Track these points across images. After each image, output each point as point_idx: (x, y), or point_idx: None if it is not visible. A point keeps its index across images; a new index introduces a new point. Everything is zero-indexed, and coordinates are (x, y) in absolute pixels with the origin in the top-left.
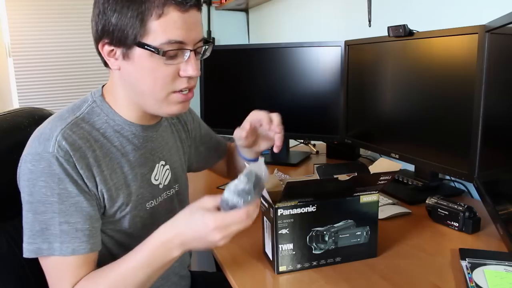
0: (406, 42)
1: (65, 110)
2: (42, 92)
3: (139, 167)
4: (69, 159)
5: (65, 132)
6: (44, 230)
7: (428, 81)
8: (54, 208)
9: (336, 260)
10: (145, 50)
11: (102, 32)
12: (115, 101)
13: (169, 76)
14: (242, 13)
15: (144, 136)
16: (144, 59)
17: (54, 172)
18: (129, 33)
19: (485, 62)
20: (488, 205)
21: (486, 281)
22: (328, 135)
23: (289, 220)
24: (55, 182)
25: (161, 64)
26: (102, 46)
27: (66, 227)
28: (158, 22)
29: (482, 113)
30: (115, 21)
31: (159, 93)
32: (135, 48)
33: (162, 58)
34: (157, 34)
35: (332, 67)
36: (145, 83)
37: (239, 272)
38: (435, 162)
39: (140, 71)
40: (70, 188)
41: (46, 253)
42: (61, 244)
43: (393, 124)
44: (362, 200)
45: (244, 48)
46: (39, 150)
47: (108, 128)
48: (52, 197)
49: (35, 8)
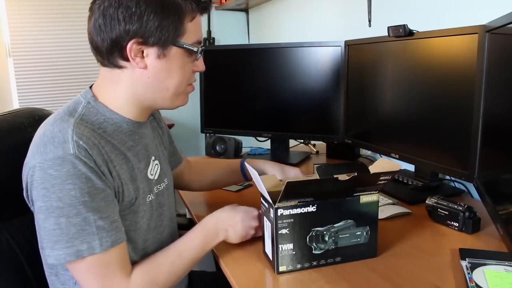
0: (406, 42)
1: (61, 113)
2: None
3: (138, 163)
4: (89, 157)
5: (77, 132)
6: (81, 231)
7: (428, 81)
8: (87, 208)
9: (336, 260)
10: (181, 49)
11: (135, 32)
12: (111, 100)
13: (190, 71)
14: (242, 13)
15: (139, 132)
16: (177, 57)
17: (80, 172)
18: (170, 34)
19: (485, 62)
20: (488, 205)
21: (486, 281)
22: (328, 135)
23: (289, 220)
24: (83, 182)
25: (188, 62)
26: (131, 46)
27: (102, 222)
28: (191, 24)
29: (482, 113)
30: (157, 22)
31: (181, 87)
32: (172, 47)
33: (191, 56)
34: (190, 34)
35: (332, 67)
36: (174, 79)
37: (239, 272)
38: (435, 162)
39: (171, 68)
40: (97, 184)
41: (86, 253)
42: (100, 240)
43: (393, 124)
44: (362, 200)
45: (244, 48)
46: (59, 154)
47: (107, 126)
48: (83, 197)
49: (35, 8)
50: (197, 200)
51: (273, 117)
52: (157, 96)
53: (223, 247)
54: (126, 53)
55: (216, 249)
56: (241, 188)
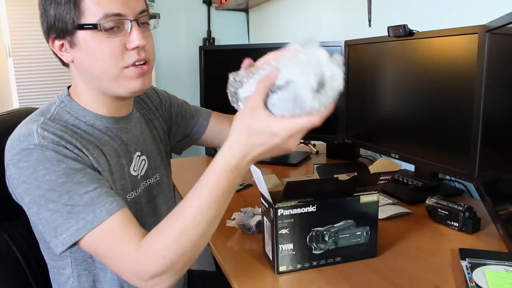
0: (406, 42)
1: (33, 114)
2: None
3: (117, 158)
4: (58, 144)
5: (42, 126)
6: (71, 210)
7: (428, 81)
8: (68, 187)
9: (336, 260)
10: (85, 30)
11: (48, 28)
12: (81, 97)
13: (116, 51)
14: (242, 13)
15: (117, 128)
16: (88, 41)
17: (50, 156)
18: (67, 19)
19: (485, 62)
20: (488, 205)
21: (486, 281)
22: (328, 135)
23: (289, 220)
24: (55, 165)
25: (105, 40)
26: (53, 43)
27: (88, 196)
28: (90, 0)
29: (482, 113)
30: (53, 12)
31: (112, 71)
32: (77, 32)
33: (104, 34)
34: (92, 11)
35: None
36: (96, 64)
37: (239, 272)
38: (435, 162)
39: (88, 54)
40: (72, 164)
41: (86, 229)
42: (94, 213)
43: (393, 124)
44: (362, 200)
45: (244, 48)
46: (25, 145)
47: (80, 124)
48: (60, 179)
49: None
50: None
51: None
52: (98, 85)
53: (223, 246)
54: (55, 51)
55: (216, 248)
56: (241, 188)
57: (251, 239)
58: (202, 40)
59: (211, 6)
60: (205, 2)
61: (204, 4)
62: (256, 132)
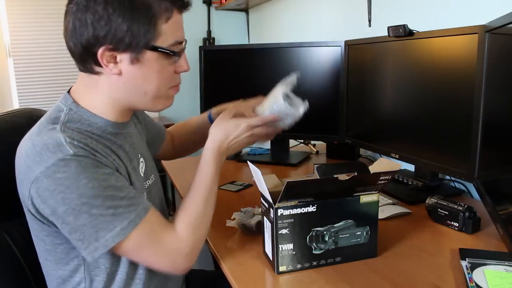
0: (406, 42)
1: (44, 123)
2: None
3: (129, 162)
4: (88, 152)
5: (67, 135)
6: (115, 213)
7: (428, 81)
8: (109, 191)
9: (336, 260)
10: (156, 52)
11: (105, 38)
12: (92, 103)
13: (171, 74)
14: (242, 13)
15: (125, 132)
16: (153, 61)
17: (87, 165)
18: (141, 38)
19: (485, 62)
20: (488, 205)
21: (486, 281)
22: (328, 135)
23: (289, 220)
24: (94, 172)
25: (167, 64)
26: (102, 52)
27: (127, 197)
28: (167, 25)
29: (482, 113)
30: (125, 27)
31: (161, 91)
32: (146, 51)
33: (171, 58)
34: (166, 36)
35: (332, 67)
36: (152, 84)
37: (239, 272)
38: (435, 162)
39: (148, 73)
40: (106, 170)
41: (130, 228)
42: (136, 211)
43: (393, 124)
44: (362, 200)
45: (244, 48)
46: (60, 157)
47: (93, 130)
48: (101, 185)
49: (35, 8)
50: None
51: None
52: (135, 100)
53: (223, 246)
54: (98, 60)
55: (216, 248)
56: (241, 188)
57: (251, 239)
58: (202, 40)
59: (211, 6)
60: (205, 2)
61: (204, 4)
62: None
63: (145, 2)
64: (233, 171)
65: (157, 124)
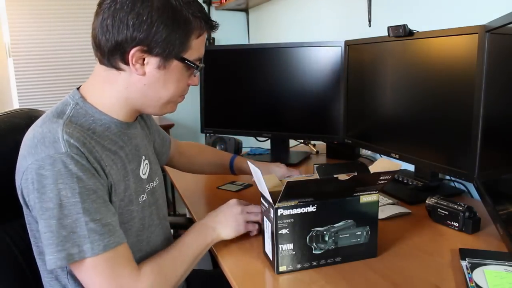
0: (406, 42)
1: (49, 115)
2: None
3: (129, 163)
4: (81, 155)
5: (67, 131)
6: (71, 234)
7: (428, 81)
8: (78, 209)
9: (336, 260)
10: (182, 63)
11: (142, 40)
12: (101, 100)
13: (185, 85)
14: (242, 13)
15: (128, 133)
16: (177, 71)
17: (71, 172)
18: (175, 47)
19: (485, 62)
20: (488, 205)
21: (486, 281)
22: (328, 135)
23: (289, 220)
24: (74, 182)
25: (186, 76)
26: (134, 52)
27: (93, 225)
28: (196, 41)
29: (482, 113)
30: (164, 34)
31: (174, 98)
32: (174, 60)
33: (189, 71)
34: (194, 51)
35: (332, 67)
36: (168, 91)
37: (239, 272)
38: (435, 162)
39: (169, 80)
40: (89, 185)
41: (77, 257)
42: (92, 244)
43: (393, 124)
44: (362, 200)
45: (244, 48)
46: (51, 153)
47: (96, 127)
48: (74, 198)
49: (35, 8)
50: (197, 200)
51: (273, 117)
52: (148, 102)
53: (223, 246)
54: (127, 58)
55: (216, 248)
56: (241, 188)
57: (251, 239)
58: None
59: (211, 6)
60: (205, 2)
61: (204, 4)
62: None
63: (186, 17)
64: None
65: (163, 135)
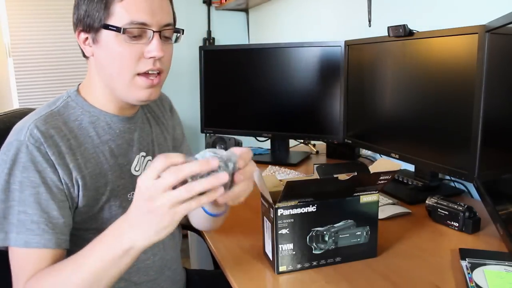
0: (406, 42)
1: (42, 107)
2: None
3: (117, 157)
4: (39, 147)
5: (37, 122)
6: (2, 218)
7: (428, 81)
8: (14, 196)
9: (336, 260)
10: (110, 31)
11: (77, 21)
12: (91, 93)
13: (133, 56)
14: (242, 13)
15: (120, 126)
16: (110, 41)
17: (19, 160)
18: (95, 17)
19: (485, 62)
20: (488, 205)
21: (486, 281)
22: (328, 135)
23: (289, 220)
24: (19, 170)
25: (125, 44)
26: (78, 35)
27: (23, 217)
28: (121, 4)
29: (482, 113)
30: (85, 8)
31: (125, 74)
32: (102, 31)
33: (126, 38)
34: (121, 15)
35: (332, 67)
36: (112, 64)
37: (239, 272)
38: (435, 162)
39: (107, 53)
40: (32, 177)
41: (1, 243)
42: (17, 234)
43: (393, 124)
44: (362, 200)
45: (244, 48)
46: (11, 140)
47: (83, 119)
48: (14, 185)
49: (35, 8)
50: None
51: (273, 117)
52: (110, 84)
53: (223, 246)
54: (79, 42)
55: (216, 248)
56: None
57: (251, 239)
58: (202, 40)
59: (211, 6)
60: (205, 2)
61: (204, 4)
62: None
63: None
64: None
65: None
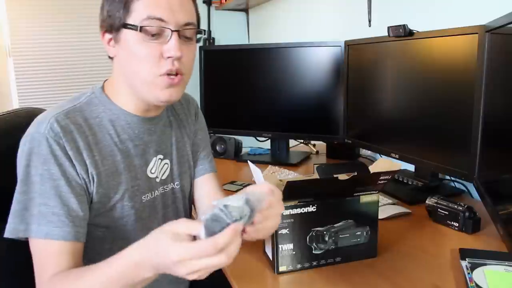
0: (406, 42)
1: (65, 101)
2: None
3: (134, 158)
4: (59, 141)
5: (59, 116)
6: (23, 210)
7: (428, 81)
8: (36, 188)
9: (336, 260)
10: (129, 30)
11: (102, 22)
12: (114, 91)
13: (152, 56)
14: (242, 13)
15: (140, 127)
16: (129, 40)
17: (40, 152)
18: (115, 16)
19: (485, 62)
20: (488, 205)
21: (486, 281)
22: (328, 135)
23: (289, 220)
24: (40, 162)
25: (144, 44)
26: (103, 36)
27: (44, 209)
28: (140, 2)
29: (482, 113)
30: (107, 8)
31: (146, 75)
32: (122, 30)
33: (144, 37)
34: (139, 13)
35: (332, 67)
36: (133, 65)
37: (239, 272)
38: (435, 162)
39: (127, 52)
40: (53, 170)
41: (22, 234)
42: (38, 226)
43: (393, 124)
44: (362, 200)
45: (244, 48)
46: (32, 131)
47: (104, 117)
48: (35, 177)
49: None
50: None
51: (273, 117)
52: (132, 84)
53: None
54: (104, 43)
55: None
56: (241, 188)
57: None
58: (202, 40)
59: (211, 6)
60: (205, 2)
61: (204, 4)
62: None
63: None
64: (233, 171)
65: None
